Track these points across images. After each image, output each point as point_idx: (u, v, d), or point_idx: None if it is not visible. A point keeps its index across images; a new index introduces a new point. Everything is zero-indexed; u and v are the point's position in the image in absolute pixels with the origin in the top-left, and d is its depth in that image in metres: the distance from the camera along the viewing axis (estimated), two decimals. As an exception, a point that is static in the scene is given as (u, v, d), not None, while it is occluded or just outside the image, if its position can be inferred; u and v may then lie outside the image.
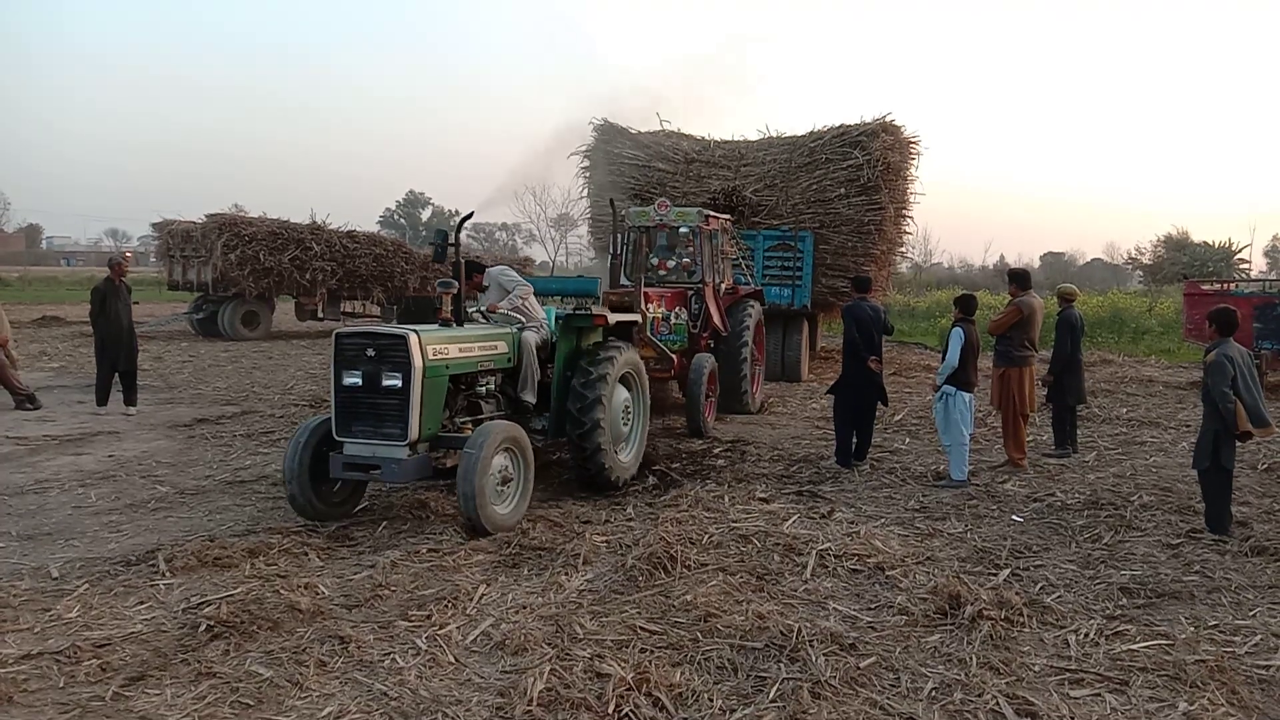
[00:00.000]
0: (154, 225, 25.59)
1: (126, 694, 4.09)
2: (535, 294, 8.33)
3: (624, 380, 8.18)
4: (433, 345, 6.54)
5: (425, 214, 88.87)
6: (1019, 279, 9.33)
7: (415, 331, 6.47)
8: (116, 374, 11.49)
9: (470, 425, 7.07)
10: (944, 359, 8.56)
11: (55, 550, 6.14)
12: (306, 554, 5.98)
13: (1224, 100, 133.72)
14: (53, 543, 6.32)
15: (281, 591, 5.14)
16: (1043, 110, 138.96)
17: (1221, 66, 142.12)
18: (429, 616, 4.94)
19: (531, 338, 7.68)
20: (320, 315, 24.49)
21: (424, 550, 6.08)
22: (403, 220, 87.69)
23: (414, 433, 6.40)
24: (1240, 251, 43.11)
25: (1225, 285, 19.81)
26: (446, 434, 6.81)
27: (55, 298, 36.38)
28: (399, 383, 6.38)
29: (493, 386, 7.51)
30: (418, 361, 6.36)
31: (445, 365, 6.67)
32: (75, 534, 6.52)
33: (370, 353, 6.48)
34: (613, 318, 8.22)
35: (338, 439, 6.62)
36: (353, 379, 6.52)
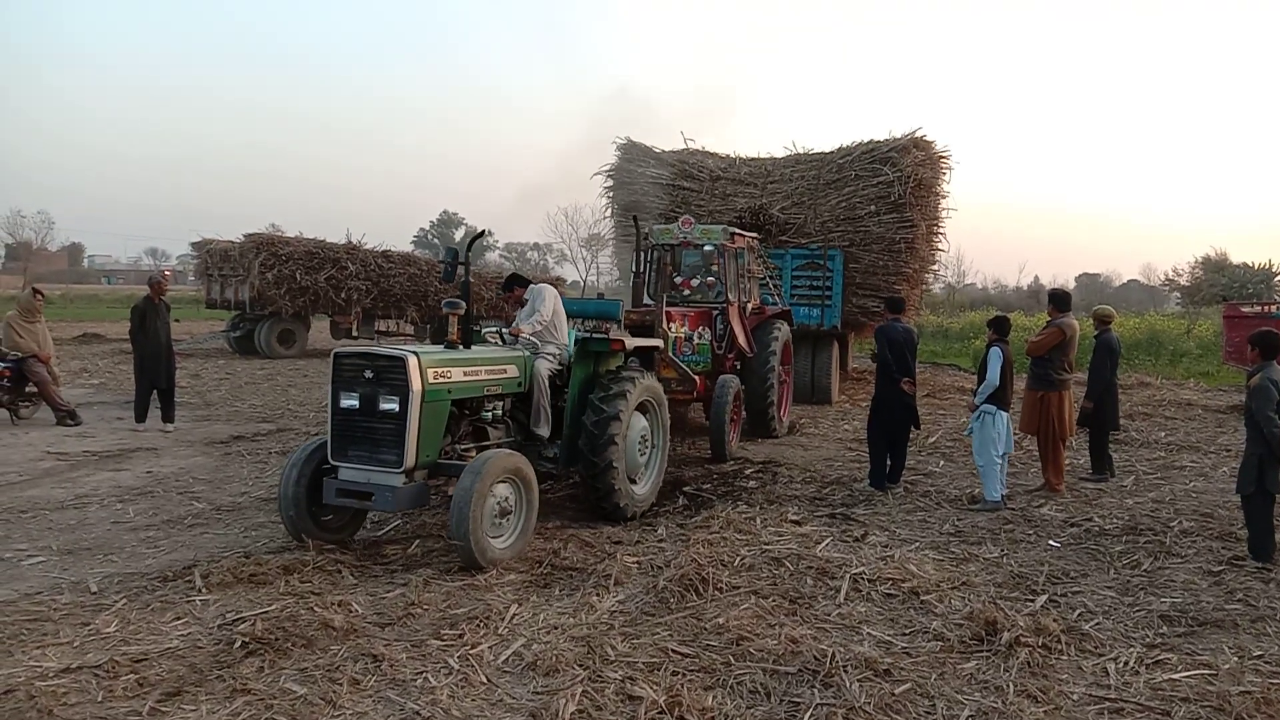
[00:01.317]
0: (193, 244, 26.15)
1: (163, 709, 4.13)
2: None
3: (641, 407, 7.82)
4: (434, 368, 6.28)
5: (458, 234, 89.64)
6: (1059, 300, 9.21)
7: (415, 353, 6.24)
8: (155, 391, 11.67)
9: (474, 452, 6.77)
10: (980, 379, 8.49)
11: (94, 565, 6.22)
12: (340, 571, 6.02)
13: (1264, 118, 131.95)
14: (92, 557, 6.40)
15: (315, 609, 5.17)
16: (1079, 128, 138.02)
17: (1262, 85, 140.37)
18: (461, 636, 4.95)
19: (543, 368, 7.41)
20: (355, 334, 24.74)
21: (456, 569, 6.09)
22: (436, 240, 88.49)
23: (410, 460, 6.13)
24: (1281, 273, 42.37)
25: (1265, 307, 19.48)
26: (447, 461, 6.55)
27: (96, 315, 37.07)
28: (396, 406, 6.12)
29: (500, 412, 7.21)
30: (416, 385, 6.10)
31: (447, 389, 6.41)
32: (114, 549, 6.61)
33: (368, 374, 6.23)
34: (630, 343, 7.92)
35: (332, 463, 6.37)
36: (349, 401, 6.27)
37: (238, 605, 5.35)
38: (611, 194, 18.91)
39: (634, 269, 11.34)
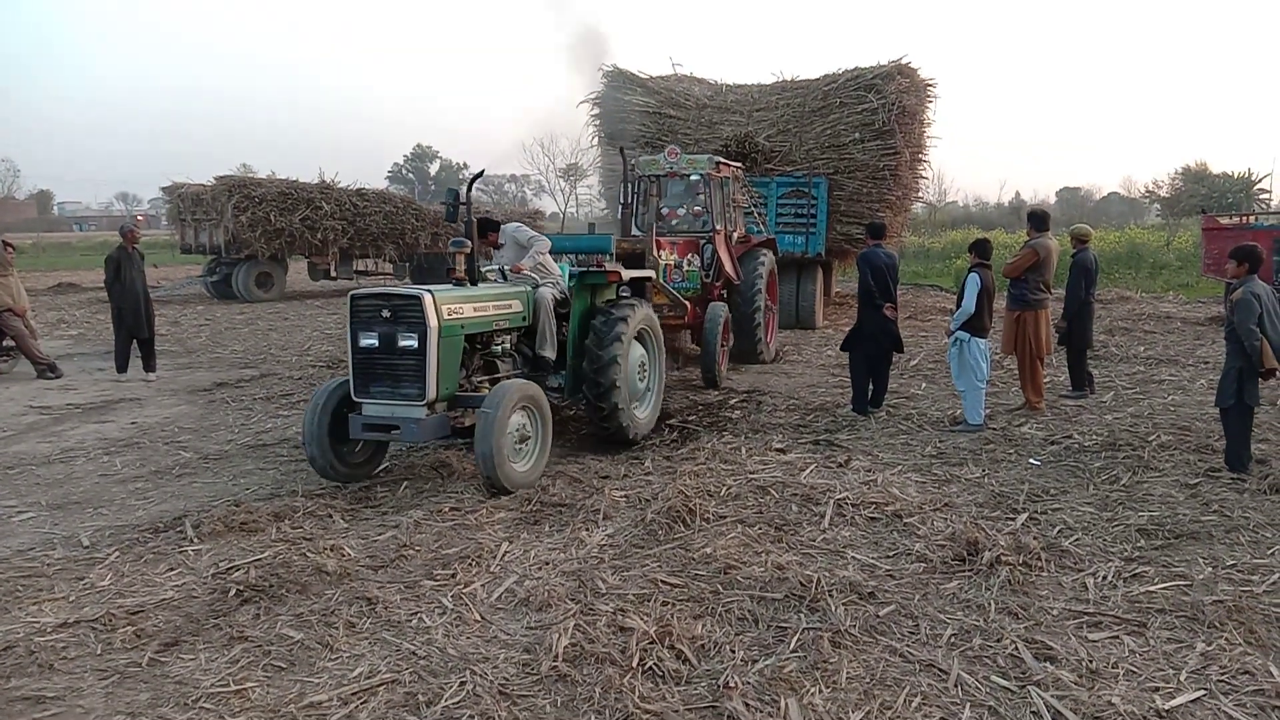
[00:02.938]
0: (164, 189, 25.59)
1: (162, 659, 4.19)
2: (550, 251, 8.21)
3: (639, 337, 8.17)
4: (447, 305, 6.56)
5: (434, 168, 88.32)
6: (1037, 220, 9.22)
7: (430, 292, 6.50)
8: (135, 340, 11.58)
9: (487, 384, 7.12)
10: (959, 304, 8.51)
11: (85, 519, 6.25)
12: (331, 516, 6.07)
13: (1244, 25, 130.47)
14: (82, 511, 6.42)
15: (308, 554, 5.22)
16: (1058, 40, 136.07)
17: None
18: (454, 575, 5.02)
19: (548, 294, 7.67)
20: (333, 274, 24.55)
21: (446, 509, 6.15)
22: (411, 175, 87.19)
23: (431, 393, 6.45)
24: (1260, 181, 42.44)
25: (1245, 218, 19.48)
26: (464, 393, 6.87)
27: (70, 264, 36.58)
28: (415, 343, 6.42)
29: (508, 345, 7.52)
30: (433, 322, 6.39)
31: (460, 325, 6.69)
32: (103, 502, 6.63)
33: (385, 314, 6.51)
34: (627, 274, 8.22)
35: (356, 400, 6.66)
36: (369, 340, 6.55)
37: (230, 554, 5.40)
38: (598, 122, 18.73)
39: (621, 201, 11.33)
